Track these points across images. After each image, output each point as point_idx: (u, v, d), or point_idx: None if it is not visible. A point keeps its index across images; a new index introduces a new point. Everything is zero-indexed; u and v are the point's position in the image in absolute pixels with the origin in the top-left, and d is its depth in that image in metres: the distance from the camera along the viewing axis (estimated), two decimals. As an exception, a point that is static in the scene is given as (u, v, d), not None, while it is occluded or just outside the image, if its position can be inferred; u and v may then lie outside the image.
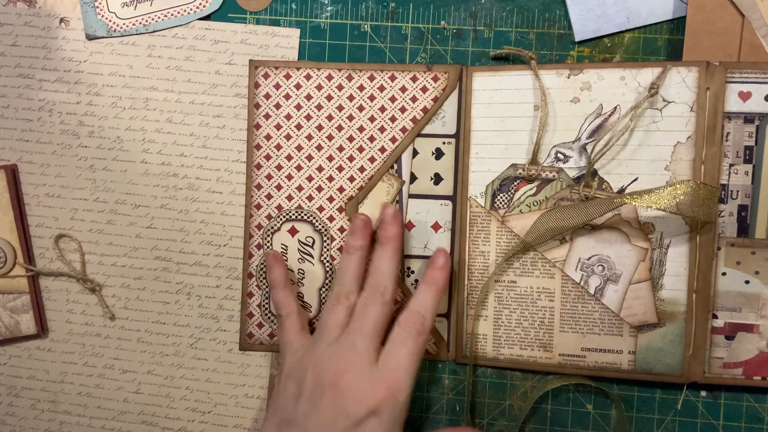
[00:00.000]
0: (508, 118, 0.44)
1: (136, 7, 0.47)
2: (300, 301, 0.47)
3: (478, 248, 0.45)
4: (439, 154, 0.45)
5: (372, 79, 0.45)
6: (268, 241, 0.47)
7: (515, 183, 0.44)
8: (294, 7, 0.46)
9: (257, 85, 0.46)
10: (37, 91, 0.48)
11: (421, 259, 0.46)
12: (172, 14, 0.46)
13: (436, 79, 0.45)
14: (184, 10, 0.46)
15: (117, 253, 0.48)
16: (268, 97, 0.46)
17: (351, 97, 0.46)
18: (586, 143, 0.43)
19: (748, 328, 0.42)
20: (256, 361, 0.48)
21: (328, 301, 0.42)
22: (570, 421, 0.45)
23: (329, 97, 0.46)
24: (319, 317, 0.41)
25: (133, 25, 0.47)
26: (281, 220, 0.47)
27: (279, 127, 0.46)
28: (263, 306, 0.47)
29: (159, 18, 0.47)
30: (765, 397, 0.44)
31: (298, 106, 0.46)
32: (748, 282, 0.42)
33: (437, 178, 0.45)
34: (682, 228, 0.42)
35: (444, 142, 0.45)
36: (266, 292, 0.47)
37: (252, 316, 0.47)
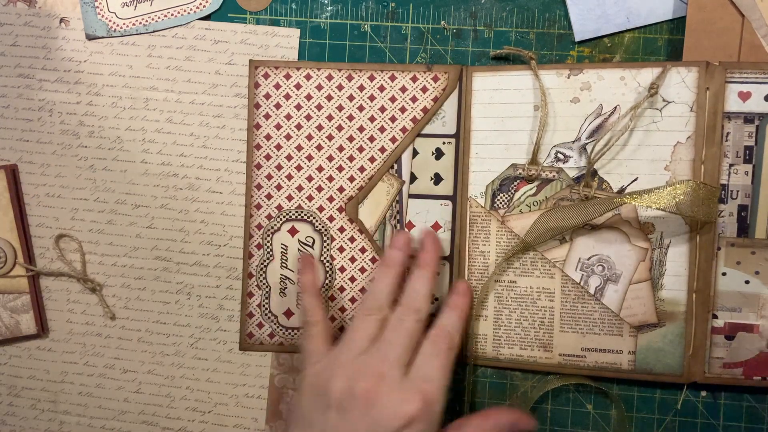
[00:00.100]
0: (508, 118, 0.44)
1: (136, 7, 0.47)
2: (300, 301, 0.47)
3: (478, 248, 0.45)
4: (439, 154, 0.45)
5: (372, 79, 0.45)
6: (268, 241, 0.47)
7: (515, 183, 0.44)
8: (294, 7, 0.46)
9: (257, 85, 0.46)
10: (37, 91, 0.48)
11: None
12: (172, 14, 0.46)
13: (436, 79, 0.45)
14: (184, 10, 0.46)
15: (117, 253, 0.48)
16: (268, 97, 0.46)
17: (351, 97, 0.46)
18: (586, 143, 0.43)
19: (748, 328, 0.42)
20: (256, 361, 0.48)
21: (360, 311, 0.41)
22: (570, 421, 0.45)
23: (329, 97, 0.46)
24: (348, 327, 0.40)
25: (133, 25, 0.47)
26: (281, 220, 0.47)
27: (279, 127, 0.46)
28: (263, 306, 0.47)
29: (159, 18, 0.47)
30: (765, 397, 0.44)
31: (298, 106, 0.46)
32: (748, 282, 0.42)
33: (437, 178, 0.46)
34: (682, 228, 0.42)
35: (444, 142, 0.45)
36: (266, 292, 0.47)
37: (252, 316, 0.47)
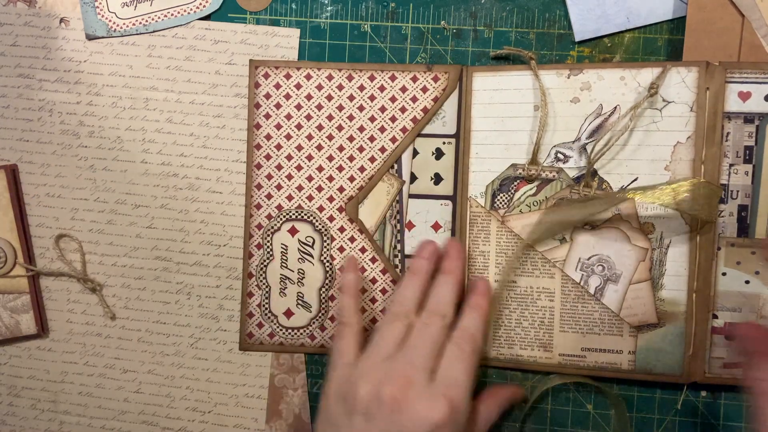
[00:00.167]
0: (508, 118, 0.44)
1: (136, 7, 0.47)
2: (300, 301, 0.47)
3: (478, 248, 0.45)
4: (439, 154, 0.45)
5: (372, 79, 0.45)
6: (269, 241, 0.47)
7: (515, 183, 0.44)
8: (294, 7, 0.46)
9: (257, 85, 0.46)
10: (37, 91, 0.48)
11: (421, 259, 0.46)
12: (172, 14, 0.46)
13: (436, 79, 0.45)
14: (184, 10, 0.46)
15: (117, 253, 0.48)
16: (268, 96, 0.46)
17: (351, 97, 0.46)
18: (586, 143, 0.43)
19: (748, 328, 0.42)
20: (256, 361, 0.48)
21: (386, 317, 0.41)
22: (570, 421, 0.45)
23: (329, 97, 0.46)
24: (374, 333, 0.40)
25: (133, 25, 0.47)
26: (281, 219, 0.47)
27: (279, 126, 0.46)
28: (263, 306, 0.47)
29: (159, 18, 0.47)
30: (765, 397, 0.44)
31: (299, 106, 0.46)
32: (748, 282, 0.42)
33: (437, 178, 0.46)
34: (682, 228, 0.42)
35: (444, 142, 0.45)
36: (266, 292, 0.47)
37: (252, 316, 0.47)
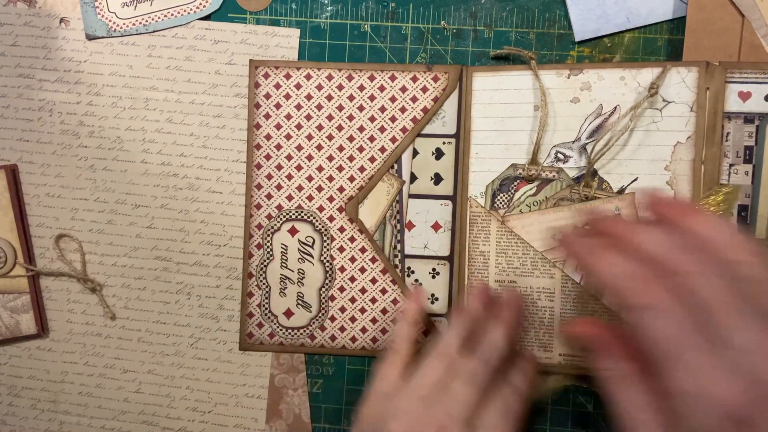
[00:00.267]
0: (508, 118, 0.44)
1: (136, 7, 0.47)
2: (300, 301, 0.47)
3: (478, 248, 0.45)
4: (439, 154, 0.45)
5: (372, 79, 0.45)
6: (268, 241, 0.47)
7: (515, 183, 0.44)
8: (294, 7, 0.46)
9: (257, 85, 0.46)
10: (37, 91, 0.48)
11: (421, 259, 0.46)
12: (172, 14, 0.46)
13: (436, 79, 0.45)
14: (184, 10, 0.46)
15: (117, 253, 0.48)
16: (268, 96, 0.46)
17: (351, 97, 0.46)
18: (586, 143, 0.43)
19: (748, 328, 0.42)
20: (256, 361, 0.48)
21: (432, 354, 0.40)
22: (570, 421, 0.45)
23: (329, 97, 0.46)
24: (417, 368, 0.39)
25: (133, 25, 0.47)
26: (281, 219, 0.47)
27: (279, 126, 0.46)
28: (263, 306, 0.47)
29: (159, 18, 0.47)
30: (765, 396, 0.44)
31: (299, 106, 0.46)
32: (747, 282, 0.42)
33: (437, 178, 0.46)
34: (682, 228, 0.42)
35: (444, 142, 0.45)
36: (266, 292, 0.47)
37: (252, 316, 0.47)
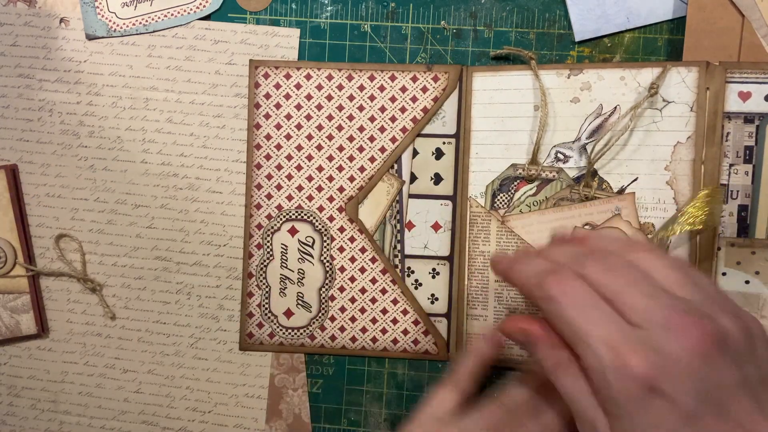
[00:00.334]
0: (508, 118, 0.44)
1: (136, 7, 0.47)
2: (300, 301, 0.47)
3: (478, 248, 0.45)
4: (439, 154, 0.45)
5: (372, 79, 0.45)
6: (268, 241, 0.47)
7: (515, 183, 0.44)
8: (294, 7, 0.46)
9: (257, 85, 0.46)
10: (37, 91, 0.48)
11: (421, 259, 0.46)
12: (172, 14, 0.46)
13: (436, 79, 0.45)
14: (184, 10, 0.46)
15: (117, 253, 0.48)
16: (268, 96, 0.46)
17: (351, 97, 0.46)
18: (586, 143, 0.43)
19: (748, 328, 0.42)
20: (256, 361, 0.48)
21: (494, 401, 0.37)
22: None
23: (329, 97, 0.46)
24: (476, 408, 0.37)
25: (133, 25, 0.47)
26: (281, 219, 0.47)
27: (279, 126, 0.46)
28: (263, 306, 0.47)
29: (159, 18, 0.47)
30: (765, 396, 0.44)
31: (299, 106, 0.46)
32: (748, 282, 0.42)
33: (437, 178, 0.46)
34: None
35: (444, 142, 0.45)
36: (266, 292, 0.47)
37: (252, 316, 0.47)
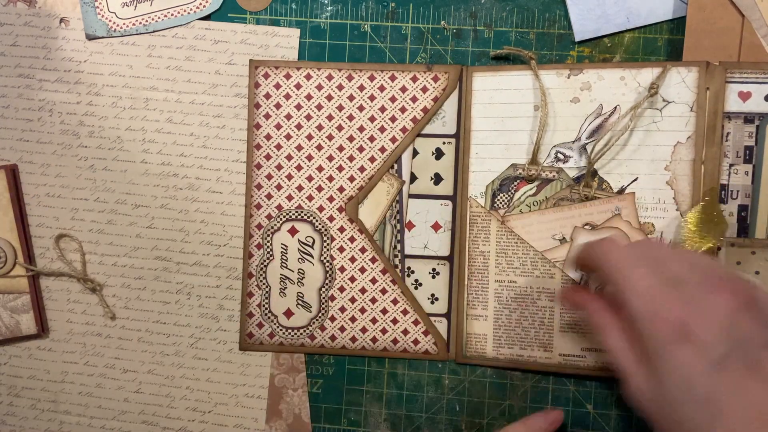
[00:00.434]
0: (508, 118, 0.44)
1: (136, 7, 0.47)
2: (300, 301, 0.47)
3: (478, 248, 0.45)
4: (439, 154, 0.45)
5: (372, 79, 0.45)
6: (268, 241, 0.47)
7: (515, 183, 0.44)
8: (294, 7, 0.46)
9: (257, 85, 0.46)
10: (37, 91, 0.48)
11: (421, 259, 0.46)
12: (172, 14, 0.46)
13: (436, 79, 0.45)
14: (184, 10, 0.46)
15: (117, 253, 0.48)
16: (268, 96, 0.46)
17: (351, 97, 0.46)
18: (586, 143, 0.43)
19: (748, 328, 0.42)
20: (256, 361, 0.48)
21: None
22: (570, 421, 0.45)
23: (329, 97, 0.46)
24: None
25: (133, 25, 0.47)
26: (281, 219, 0.47)
27: (279, 126, 0.46)
28: (263, 306, 0.47)
29: (159, 18, 0.47)
30: (765, 396, 0.44)
31: (299, 106, 0.46)
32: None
33: (437, 178, 0.46)
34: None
35: (444, 142, 0.45)
36: (266, 292, 0.47)
37: (252, 316, 0.47)
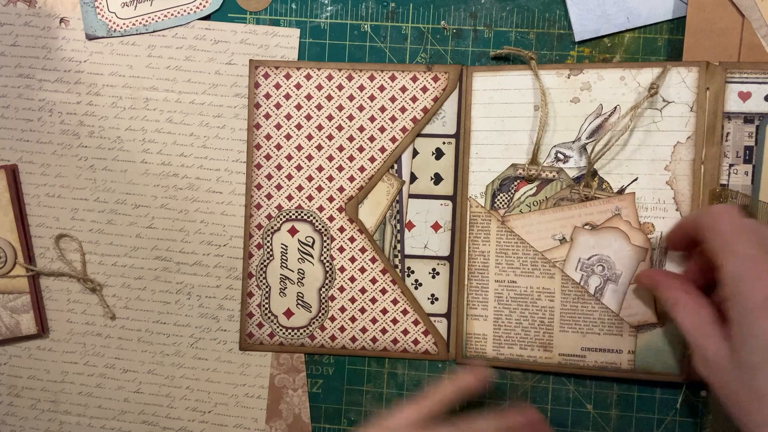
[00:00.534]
0: (508, 118, 0.44)
1: (136, 7, 0.47)
2: (300, 301, 0.47)
3: (478, 248, 0.45)
4: (439, 154, 0.45)
5: (372, 79, 0.45)
6: (268, 241, 0.47)
7: (515, 183, 0.44)
8: (294, 7, 0.46)
9: (257, 85, 0.46)
10: (37, 91, 0.48)
11: (421, 259, 0.46)
12: (172, 14, 0.46)
13: (436, 79, 0.45)
14: (184, 10, 0.46)
15: (117, 253, 0.48)
16: (268, 96, 0.46)
17: (351, 97, 0.46)
18: (586, 143, 0.43)
19: (748, 328, 0.42)
20: (256, 361, 0.48)
21: (457, 426, 0.38)
22: (570, 421, 0.45)
23: (329, 97, 0.46)
24: (434, 428, 0.38)
25: (133, 25, 0.47)
26: (281, 219, 0.47)
27: (279, 126, 0.46)
28: (263, 306, 0.47)
29: (159, 18, 0.47)
30: (764, 396, 0.44)
31: (299, 106, 0.46)
32: (747, 282, 0.42)
33: (437, 178, 0.46)
34: (682, 228, 0.42)
35: (444, 142, 0.45)
36: (266, 292, 0.47)
37: (252, 316, 0.47)
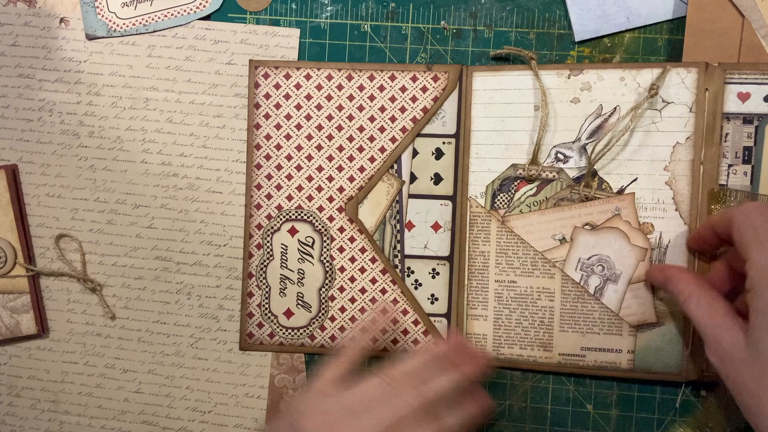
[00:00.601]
0: (508, 118, 0.44)
1: (136, 7, 0.47)
2: (300, 301, 0.47)
3: (478, 248, 0.45)
4: (439, 154, 0.45)
5: (372, 79, 0.46)
6: (268, 241, 0.47)
7: (515, 183, 0.44)
8: (294, 7, 0.46)
9: (257, 85, 0.46)
10: (37, 91, 0.48)
11: (421, 259, 0.46)
12: (172, 14, 0.46)
13: (436, 79, 0.45)
14: (184, 10, 0.46)
15: (117, 253, 0.48)
16: (268, 97, 0.46)
17: (351, 97, 0.46)
18: (586, 143, 0.43)
19: (748, 328, 0.43)
20: (256, 361, 0.48)
21: (377, 375, 0.39)
22: (570, 421, 0.45)
23: (329, 97, 0.46)
24: (358, 382, 0.39)
25: (133, 25, 0.47)
26: (281, 220, 0.47)
27: (279, 127, 0.46)
28: (263, 306, 0.47)
29: (159, 18, 0.46)
30: (764, 396, 0.44)
31: (298, 106, 0.46)
32: (747, 282, 0.42)
33: (437, 178, 0.46)
34: (682, 228, 0.42)
35: (444, 142, 0.45)
36: (266, 292, 0.47)
37: (252, 316, 0.47)
